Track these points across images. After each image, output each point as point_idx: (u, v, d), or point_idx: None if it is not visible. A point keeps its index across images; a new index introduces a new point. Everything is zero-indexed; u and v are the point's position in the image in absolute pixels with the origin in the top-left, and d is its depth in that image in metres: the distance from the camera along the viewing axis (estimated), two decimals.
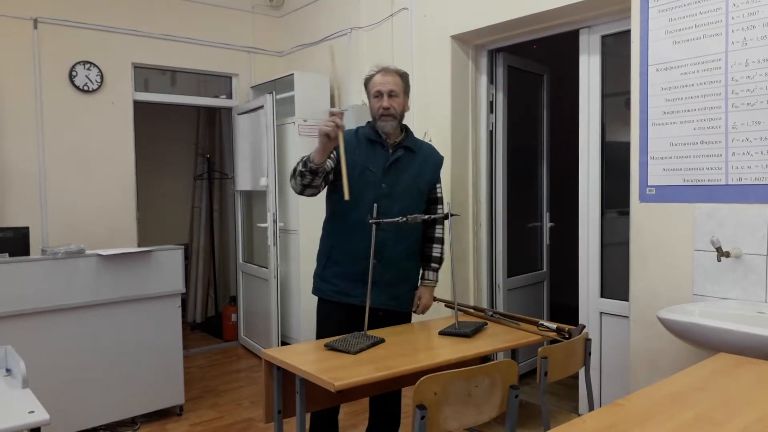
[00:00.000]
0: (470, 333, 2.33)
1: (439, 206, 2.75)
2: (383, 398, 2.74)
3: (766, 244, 2.42)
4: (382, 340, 2.23)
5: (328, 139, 2.28)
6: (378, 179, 2.56)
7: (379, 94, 2.57)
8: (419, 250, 2.75)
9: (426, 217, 2.44)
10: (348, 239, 2.56)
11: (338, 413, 2.70)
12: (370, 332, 2.30)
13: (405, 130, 2.69)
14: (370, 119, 2.67)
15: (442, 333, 2.36)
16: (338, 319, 2.56)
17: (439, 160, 2.79)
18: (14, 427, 1.40)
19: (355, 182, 2.44)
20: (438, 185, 2.77)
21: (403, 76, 2.64)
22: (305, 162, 2.39)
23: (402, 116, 2.64)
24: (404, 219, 2.37)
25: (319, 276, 2.67)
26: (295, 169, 2.46)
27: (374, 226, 2.33)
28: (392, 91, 2.57)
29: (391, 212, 2.48)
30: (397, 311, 2.66)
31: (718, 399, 1.49)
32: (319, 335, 2.61)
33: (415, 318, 2.79)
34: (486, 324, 2.50)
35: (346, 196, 2.28)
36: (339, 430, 2.73)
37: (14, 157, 4.13)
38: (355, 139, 2.62)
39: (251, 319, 5.02)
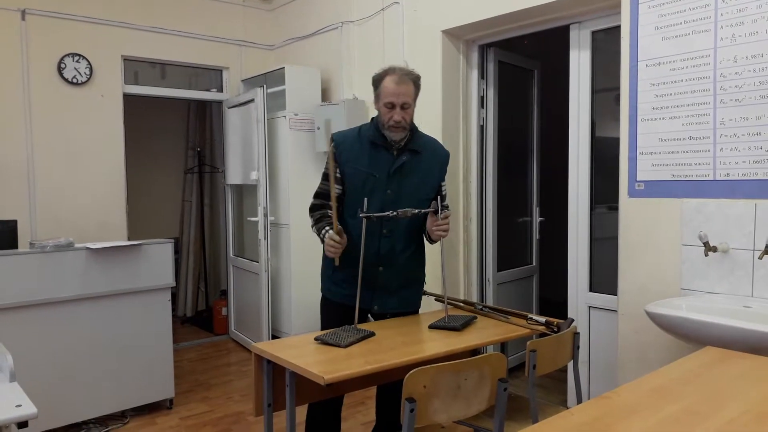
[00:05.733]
0: (460, 326, 2.34)
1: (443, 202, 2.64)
2: (387, 398, 2.73)
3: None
4: (372, 334, 2.24)
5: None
6: (383, 185, 2.48)
7: (391, 106, 2.43)
8: (422, 250, 2.70)
9: (416, 211, 2.42)
10: (354, 247, 2.44)
11: (341, 405, 2.68)
12: (360, 326, 2.31)
13: (410, 129, 2.56)
14: (375, 118, 2.56)
15: (432, 326, 2.37)
16: (343, 320, 2.48)
17: (444, 158, 2.69)
18: (0, 421, 1.39)
19: (359, 189, 2.44)
20: (443, 183, 2.66)
21: (416, 83, 2.49)
22: (323, 237, 2.49)
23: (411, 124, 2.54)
24: (395, 213, 2.36)
25: (329, 278, 2.63)
26: (317, 224, 2.56)
27: (364, 220, 2.33)
28: (406, 103, 2.43)
29: (397, 219, 2.43)
30: (405, 312, 2.64)
31: (704, 392, 1.51)
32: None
33: None
34: (476, 318, 2.51)
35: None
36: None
37: (2, 150, 4.09)
38: (359, 143, 2.53)
39: (242, 312, 5.01)
